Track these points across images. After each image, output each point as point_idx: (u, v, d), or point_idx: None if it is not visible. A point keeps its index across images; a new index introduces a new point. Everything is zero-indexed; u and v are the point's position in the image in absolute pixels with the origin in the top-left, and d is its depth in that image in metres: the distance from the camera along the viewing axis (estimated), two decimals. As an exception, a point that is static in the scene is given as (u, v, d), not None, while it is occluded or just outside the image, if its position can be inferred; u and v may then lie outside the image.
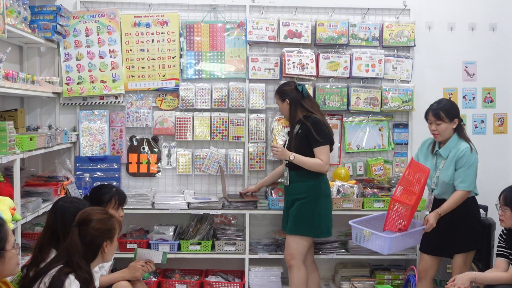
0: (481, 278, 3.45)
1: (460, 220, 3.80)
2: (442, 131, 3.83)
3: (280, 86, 4.21)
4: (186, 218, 4.68)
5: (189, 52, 4.66)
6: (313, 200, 4.01)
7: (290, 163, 4.03)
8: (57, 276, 2.46)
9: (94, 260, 2.66)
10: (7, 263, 2.32)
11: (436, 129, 3.85)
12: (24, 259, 3.31)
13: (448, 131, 3.83)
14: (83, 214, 2.66)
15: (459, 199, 3.75)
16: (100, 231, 2.63)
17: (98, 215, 2.67)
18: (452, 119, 3.81)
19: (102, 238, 2.64)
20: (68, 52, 4.55)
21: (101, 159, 4.59)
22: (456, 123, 3.83)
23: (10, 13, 3.49)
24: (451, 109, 3.83)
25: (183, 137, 4.65)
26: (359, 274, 4.69)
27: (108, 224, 2.68)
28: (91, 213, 2.67)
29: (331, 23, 4.65)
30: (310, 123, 3.95)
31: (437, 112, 3.82)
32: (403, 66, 4.75)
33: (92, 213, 2.67)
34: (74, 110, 4.64)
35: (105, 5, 4.64)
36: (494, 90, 4.89)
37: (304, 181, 4.02)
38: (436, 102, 3.93)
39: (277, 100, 4.20)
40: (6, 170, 3.53)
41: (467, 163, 3.75)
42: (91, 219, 2.63)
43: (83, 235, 2.59)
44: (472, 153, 3.77)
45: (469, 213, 3.83)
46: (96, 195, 3.49)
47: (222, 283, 4.46)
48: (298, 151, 3.98)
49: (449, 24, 4.84)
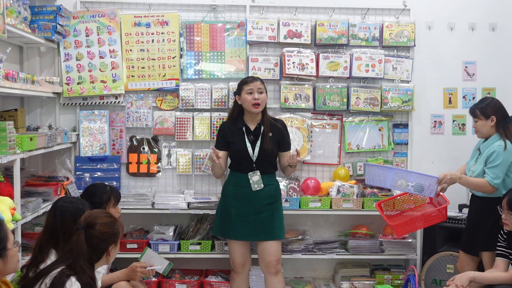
0: (480, 277, 3.45)
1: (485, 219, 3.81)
2: (480, 128, 3.90)
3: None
4: (186, 218, 4.68)
5: (189, 52, 4.66)
6: (280, 201, 4.08)
7: (260, 165, 3.92)
8: (58, 277, 2.46)
9: (98, 262, 2.66)
10: (9, 261, 2.34)
11: (475, 126, 3.96)
12: (24, 259, 3.31)
13: (486, 128, 3.87)
14: (89, 218, 2.64)
15: (480, 185, 3.77)
16: (106, 235, 2.63)
17: (104, 219, 2.66)
18: (488, 117, 3.84)
19: (108, 242, 2.64)
20: (68, 52, 4.55)
21: (101, 159, 4.59)
22: (494, 121, 3.83)
23: (10, 13, 3.49)
24: (487, 107, 3.86)
25: (183, 137, 4.65)
26: (359, 274, 4.69)
27: (114, 228, 2.68)
28: (97, 216, 2.66)
29: (331, 23, 4.65)
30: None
31: (473, 110, 3.93)
32: (403, 66, 4.75)
33: (98, 217, 2.66)
34: (74, 110, 4.65)
35: (105, 5, 4.65)
36: (494, 90, 4.89)
37: (273, 183, 4.01)
38: (480, 100, 4.04)
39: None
40: (6, 170, 3.53)
41: (495, 160, 3.74)
42: (97, 222, 2.62)
43: (89, 239, 2.58)
44: (504, 151, 3.74)
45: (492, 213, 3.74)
46: (92, 196, 3.48)
47: (222, 283, 4.47)
48: None
49: (449, 24, 4.84)
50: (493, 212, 3.69)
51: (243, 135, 3.93)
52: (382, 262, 4.78)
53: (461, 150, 4.73)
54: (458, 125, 4.88)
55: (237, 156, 3.96)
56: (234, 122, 4.01)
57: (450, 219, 4.46)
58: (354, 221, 4.76)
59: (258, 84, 3.92)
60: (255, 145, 3.91)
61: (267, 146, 3.89)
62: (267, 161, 3.95)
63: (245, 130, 3.95)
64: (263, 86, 3.94)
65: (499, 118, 3.83)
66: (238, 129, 3.95)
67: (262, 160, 3.91)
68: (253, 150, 3.90)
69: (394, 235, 4.50)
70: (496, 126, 3.84)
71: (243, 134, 3.94)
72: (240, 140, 3.93)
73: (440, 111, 4.88)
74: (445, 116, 4.88)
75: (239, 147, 3.92)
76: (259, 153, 3.89)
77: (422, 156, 4.84)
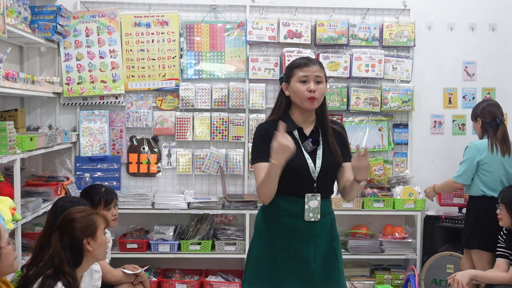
0: (481, 276, 3.49)
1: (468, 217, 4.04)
2: (475, 130, 4.10)
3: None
4: (186, 218, 4.68)
5: (189, 52, 4.67)
6: (338, 237, 2.81)
7: (321, 185, 2.63)
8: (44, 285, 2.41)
9: (82, 261, 2.58)
10: (4, 260, 2.30)
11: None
12: (24, 259, 3.31)
13: (477, 130, 4.05)
14: (63, 217, 2.58)
15: (447, 184, 4.14)
16: (76, 230, 2.54)
17: (76, 214, 2.58)
18: (475, 118, 4.02)
19: (81, 236, 2.54)
20: (68, 52, 4.55)
21: (101, 159, 4.59)
22: (480, 122, 3.98)
23: (10, 13, 3.49)
24: (474, 109, 4.07)
25: (183, 137, 4.65)
26: (359, 274, 4.69)
27: (86, 221, 2.57)
28: (68, 214, 2.59)
29: (331, 23, 4.66)
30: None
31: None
32: (403, 66, 4.76)
33: (70, 214, 2.58)
34: (74, 110, 4.65)
35: (105, 5, 4.65)
36: (494, 90, 4.89)
37: (331, 210, 2.76)
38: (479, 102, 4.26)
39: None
40: (7, 170, 3.53)
41: (463, 157, 4.01)
42: (68, 220, 2.56)
43: (62, 239, 2.51)
44: (468, 149, 3.96)
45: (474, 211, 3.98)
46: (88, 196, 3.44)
47: (222, 283, 4.47)
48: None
49: (449, 24, 4.85)
50: (476, 210, 3.93)
51: (296, 141, 2.58)
52: (382, 262, 4.79)
53: (461, 150, 4.68)
54: (458, 125, 4.89)
55: (291, 173, 2.54)
56: (279, 122, 2.51)
57: (450, 219, 4.49)
58: (354, 221, 4.76)
59: (316, 70, 2.62)
60: (315, 155, 2.64)
61: (335, 158, 2.65)
62: (330, 179, 2.70)
63: (298, 135, 2.65)
64: (322, 72, 2.65)
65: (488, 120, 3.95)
66: (288, 133, 2.47)
67: (325, 177, 2.64)
68: (314, 163, 2.62)
69: (394, 235, 4.53)
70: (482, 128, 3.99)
71: (296, 140, 2.59)
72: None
73: (440, 111, 4.88)
74: (445, 116, 4.88)
75: (295, 160, 2.50)
76: (322, 168, 2.62)
77: (422, 156, 4.85)
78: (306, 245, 2.61)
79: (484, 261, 3.83)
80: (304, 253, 2.61)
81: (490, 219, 3.71)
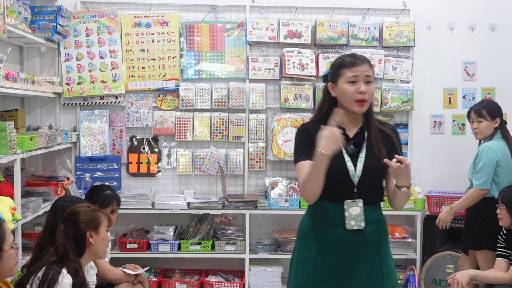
0: (481, 276, 3.48)
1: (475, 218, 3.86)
2: (483, 129, 3.91)
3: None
4: (186, 218, 4.68)
5: (189, 52, 4.67)
6: (389, 245, 2.63)
7: (363, 191, 2.46)
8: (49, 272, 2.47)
9: (84, 254, 2.66)
10: (5, 263, 2.31)
11: (477, 127, 3.94)
12: (24, 259, 3.31)
13: (490, 130, 3.90)
14: (69, 211, 2.68)
15: (471, 197, 3.83)
16: (80, 221, 2.63)
17: (81, 208, 2.69)
18: (494, 117, 3.89)
19: (84, 228, 2.63)
20: (69, 52, 4.56)
21: (101, 159, 4.59)
22: (498, 123, 3.90)
23: (10, 13, 3.49)
24: (494, 108, 3.93)
25: (183, 137, 4.65)
26: (359, 274, 4.68)
27: (90, 215, 2.68)
28: (74, 207, 2.69)
29: (331, 23, 4.66)
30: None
31: (478, 110, 3.92)
32: (403, 66, 4.76)
33: (76, 207, 2.69)
34: (74, 110, 4.65)
35: (105, 5, 4.65)
36: (494, 90, 4.89)
37: (381, 217, 2.57)
38: (479, 102, 4.13)
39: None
40: (7, 170, 3.53)
41: (478, 163, 3.81)
42: (74, 212, 2.66)
43: (67, 230, 2.61)
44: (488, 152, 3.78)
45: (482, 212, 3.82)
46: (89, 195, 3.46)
47: (222, 283, 4.47)
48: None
49: (449, 24, 4.85)
50: (483, 211, 3.79)
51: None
52: (382, 262, 4.78)
53: (461, 150, 4.74)
54: (458, 125, 4.88)
55: (330, 176, 2.39)
56: (322, 124, 2.41)
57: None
58: (354, 221, 4.76)
59: (366, 69, 2.50)
60: (356, 159, 2.48)
61: (379, 162, 2.43)
62: (373, 185, 2.52)
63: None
64: (372, 71, 2.53)
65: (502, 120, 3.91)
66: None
67: (367, 182, 2.47)
68: (355, 167, 2.47)
69: (394, 235, 4.52)
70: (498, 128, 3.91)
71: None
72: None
73: (440, 111, 4.88)
74: (445, 116, 4.88)
75: (335, 162, 2.38)
76: (363, 172, 2.46)
77: (422, 156, 4.84)
78: (347, 256, 2.45)
79: (490, 261, 3.74)
80: (343, 264, 2.46)
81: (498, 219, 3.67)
